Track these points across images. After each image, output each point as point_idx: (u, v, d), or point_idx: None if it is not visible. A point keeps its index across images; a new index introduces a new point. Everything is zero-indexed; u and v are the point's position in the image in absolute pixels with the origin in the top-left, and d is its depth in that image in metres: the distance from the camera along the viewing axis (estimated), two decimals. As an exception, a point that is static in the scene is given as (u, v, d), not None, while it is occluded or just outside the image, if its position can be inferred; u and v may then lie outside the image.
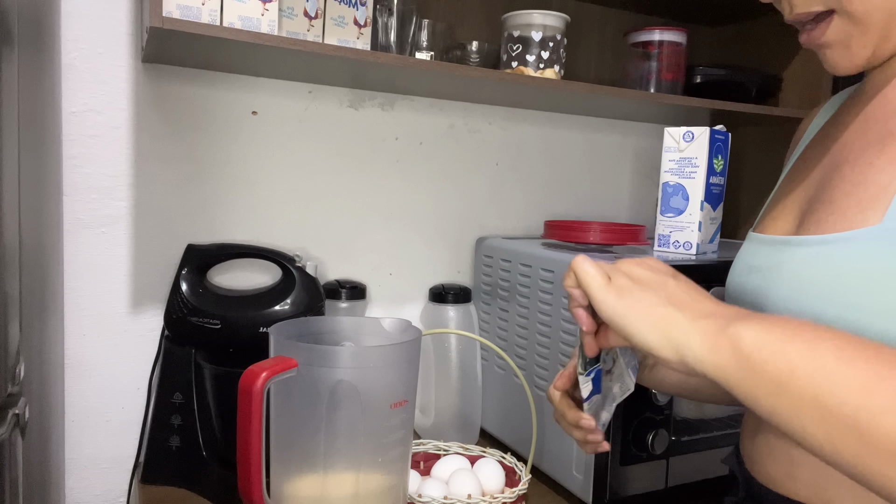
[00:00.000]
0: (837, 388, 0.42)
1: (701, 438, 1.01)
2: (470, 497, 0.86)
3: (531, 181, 1.36)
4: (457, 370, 1.16)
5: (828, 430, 0.43)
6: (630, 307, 0.52)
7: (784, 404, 0.44)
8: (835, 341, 0.44)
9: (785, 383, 0.44)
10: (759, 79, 1.30)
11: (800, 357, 0.44)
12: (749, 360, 0.46)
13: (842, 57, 0.61)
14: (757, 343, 0.46)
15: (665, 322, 0.50)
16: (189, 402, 0.96)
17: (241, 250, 1.04)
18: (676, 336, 0.49)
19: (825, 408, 0.43)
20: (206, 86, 1.07)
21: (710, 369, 0.48)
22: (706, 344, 0.48)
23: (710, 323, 0.49)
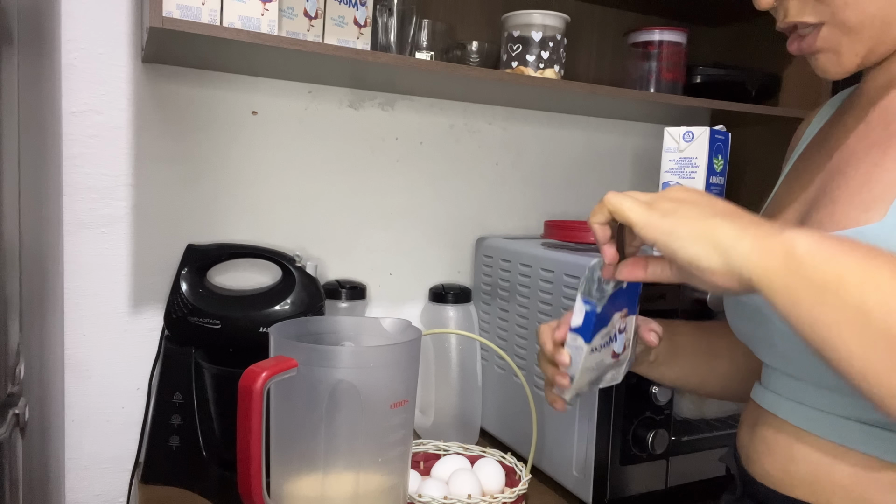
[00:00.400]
0: (887, 299, 0.42)
1: (701, 438, 1.01)
2: (470, 497, 0.86)
3: (531, 181, 1.36)
4: (457, 370, 1.16)
5: (866, 343, 0.42)
6: (676, 223, 0.51)
7: (827, 312, 0.44)
8: (892, 258, 0.44)
9: (833, 290, 0.43)
10: (759, 79, 1.30)
11: (853, 265, 0.44)
12: (801, 264, 0.45)
13: (832, 62, 0.62)
14: (811, 248, 0.45)
15: (713, 230, 0.49)
16: (189, 402, 0.96)
17: (241, 250, 1.04)
18: (724, 241, 0.48)
19: (869, 318, 0.42)
20: (206, 86, 1.07)
21: (757, 272, 0.46)
22: (757, 246, 0.47)
23: (762, 230, 0.48)
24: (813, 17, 0.60)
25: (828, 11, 0.59)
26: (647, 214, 0.53)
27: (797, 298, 0.45)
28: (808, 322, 0.45)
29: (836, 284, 0.44)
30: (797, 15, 0.61)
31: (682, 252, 0.50)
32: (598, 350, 0.67)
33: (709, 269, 0.49)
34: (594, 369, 0.69)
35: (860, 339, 0.43)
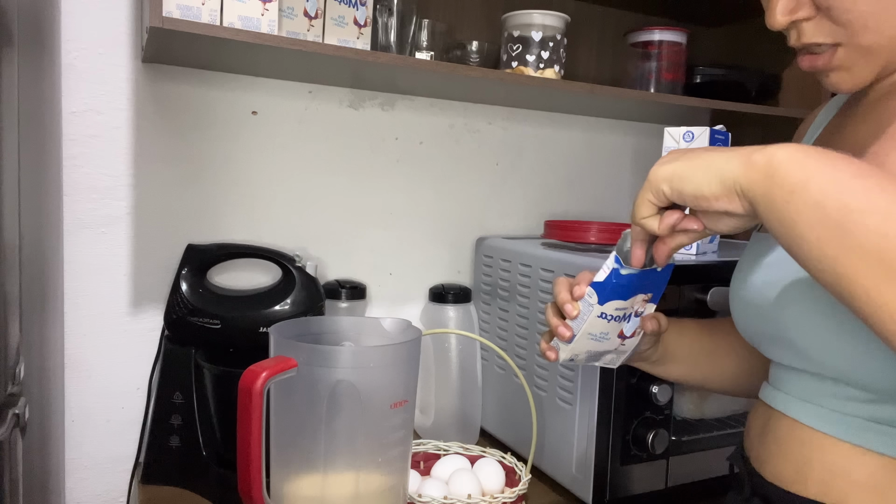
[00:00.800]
0: (843, 195, 0.46)
1: (701, 438, 1.01)
2: (470, 497, 0.86)
3: (531, 181, 1.36)
4: (457, 370, 1.16)
5: (819, 233, 0.46)
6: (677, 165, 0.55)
7: (791, 210, 0.48)
8: (861, 167, 0.47)
9: (798, 191, 0.47)
10: (759, 79, 1.30)
11: (818, 169, 0.47)
12: (776, 171, 0.49)
13: (844, 80, 0.62)
14: (786, 157, 0.49)
15: (710, 160, 0.53)
16: (189, 402, 0.96)
17: (241, 250, 1.04)
18: (720, 165, 0.52)
19: (824, 211, 0.46)
20: (206, 86, 1.07)
21: (746, 185, 0.50)
22: (743, 162, 0.51)
23: (749, 149, 0.52)
24: (829, 39, 0.60)
25: (845, 33, 0.59)
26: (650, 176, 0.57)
27: (772, 202, 0.49)
28: (778, 221, 0.49)
29: (801, 186, 0.47)
30: (812, 36, 0.61)
31: (687, 187, 0.54)
32: (608, 320, 0.67)
33: (712, 195, 0.53)
34: (597, 339, 0.69)
35: (815, 229, 0.47)
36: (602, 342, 0.70)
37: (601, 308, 0.66)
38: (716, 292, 0.96)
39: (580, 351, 0.70)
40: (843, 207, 0.46)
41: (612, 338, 0.70)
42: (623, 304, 0.67)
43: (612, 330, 0.69)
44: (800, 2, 0.60)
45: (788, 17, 0.60)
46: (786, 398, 0.65)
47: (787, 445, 0.63)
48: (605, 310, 0.66)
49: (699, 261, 1.00)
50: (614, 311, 0.67)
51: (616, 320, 0.68)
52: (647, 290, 0.68)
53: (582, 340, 0.69)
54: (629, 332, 0.70)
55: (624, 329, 0.69)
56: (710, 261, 1.01)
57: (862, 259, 0.45)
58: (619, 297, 0.66)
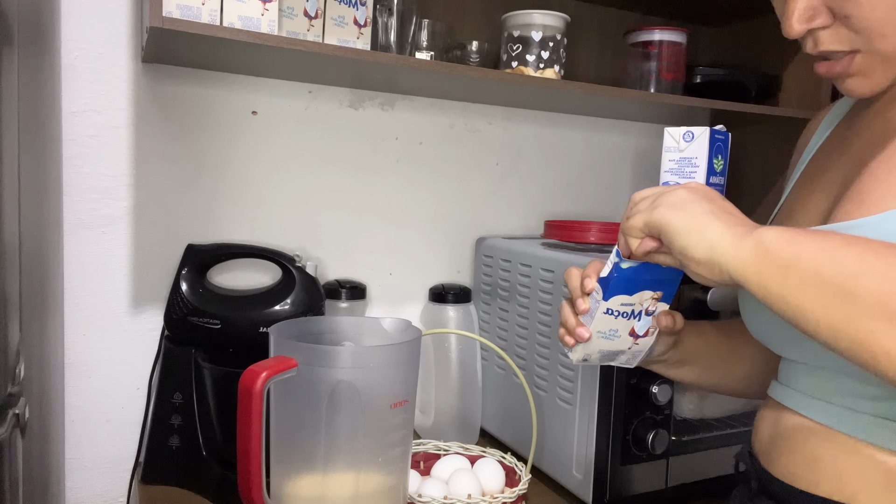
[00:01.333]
0: (837, 262, 0.48)
1: (701, 438, 1.01)
2: (470, 497, 0.86)
3: (531, 181, 1.36)
4: (457, 370, 1.16)
5: (824, 302, 0.48)
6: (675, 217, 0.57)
7: (790, 285, 0.49)
8: (845, 237, 0.50)
9: (793, 265, 0.49)
10: (759, 79, 1.30)
11: (809, 244, 0.50)
12: (767, 251, 0.51)
13: (861, 85, 0.61)
14: (775, 238, 0.51)
15: (706, 227, 0.55)
16: (189, 402, 0.96)
17: (241, 250, 1.04)
18: (712, 238, 0.54)
19: (822, 279, 0.48)
20: (206, 86, 1.07)
21: (734, 265, 0.52)
22: (734, 244, 0.53)
23: (741, 229, 0.54)
24: (847, 47, 0.59)
25: (863, 41, 0.58)
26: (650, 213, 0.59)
27: (767, 281, 0.51)
28: (778, 297, 0.51)
29: (795, 260, 0.49)
30: (829, 45, 0.60)
31: (676, 242, 0.56)
32: (615, 316, 0.67)
33: (695, 260, 0.55)
34: (607, 337, 0.68)
35: (819, 300, 0.48)
36: (613, 340, 0.69)
37: (606, 304, 0.66)
38: (716, 292, 0.96)
39: (592, 351, 0.70)
40: (841, 273, 0.47)
41: (623, 336, 0.69)
42: (628, 299, 0.66)
43: (621, 328, 0.68)
44: (817, 10, 0.59)
45: (805, 25, 0.59)
46: (796, 395, 0.64)
47: (797, 443, 0.63)
48: (610, 305, 0.66)
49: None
50: (620, 307, 0.67)
51: (624, 317, 0.68)
52: (656, 288, 0.67)
53: (593, 339, 0.68)
54: (641, 330, 0.70)
55: (635, 327, 0.69)
56: (710, 261, 1.01)
57: (873, 319, 0.46)
58: (623, 291, 0.66)
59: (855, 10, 0.57)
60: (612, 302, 0.66)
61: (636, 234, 0.60)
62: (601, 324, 0.68)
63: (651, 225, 0.58)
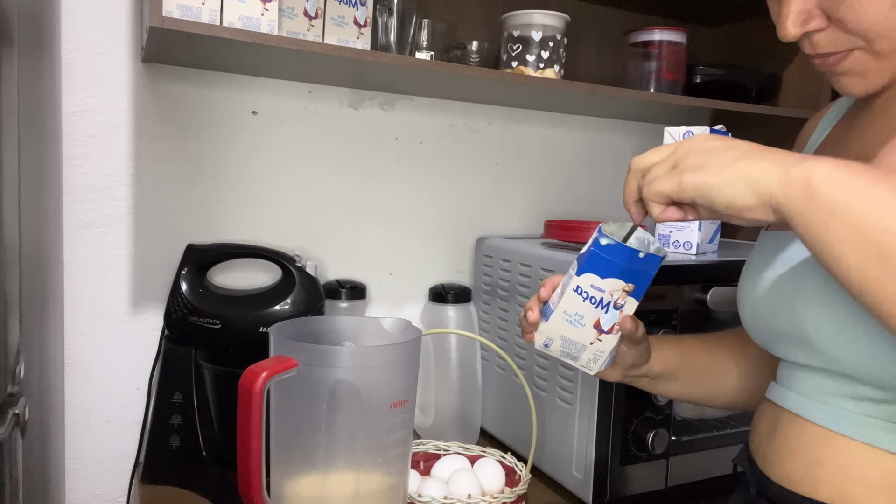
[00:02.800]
0: (882, 218, 0.46)
1: (701, 438, 1.01)
2: (470, 497, 0.86)
3: (531, 181, 1.36)
4: (457, 370, 1.16)
5: (860, 256, 0.47)
6: (707, 176, 0.54)
7: (831, 231, 0.48)
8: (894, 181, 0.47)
9: (839, 213, 0.47)
10: (759, 79, 1.30)
11: (858, 190, 0.47)
12: (815, 191, 0.48)
13: (856, 84, 0.61)
14: (825, 176, 0.48)
15: (745, 170, 0.52)
16: (189, 402, 0.96)
17: (241, 250, 1.04)
18: (756, 177, 0.51)
19: (865, 234, 0.46)
20: (206, 86, 1.07)
21: (782, 201, 0.50)
22: (781, 178, 0.50)
23: (786, 161, 0.51)
24: (843, 48, 0.59)
25: (860, 41, 0.58)
26: (678, 179, 0.56)
27: (810, 222, 0.49)
28: (817, 240, 0.49)
29: (842, 207, 0.47)
30: (826, 47, 0.60)
31: (719, 198, 0.53)
32: (583, 297, 0.65)
33: (746, 207, 0.52)
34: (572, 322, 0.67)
35: (856, 253, 0.47)
36: (577, 328, 0.67)
37: (577, 280, 0.65)
38: (716, 292, 0.96)
39: (555, 335, 0.68)
40: (884, 231, 0.46)
41: (587, 326, 0.67)
42: (599, 282, 0.65)
43: (587, 315, 0.66)
44: (811, 13, 0.59)
45: (800, 28, 0.59)
46: (797, 397, 0.64)
47: (797, 446, 0.62)
48: (580, 283, 0.65)
49: (699, 261, 1.00)
50: (590, 289, 0.65)
51: (591, 303, 0.66)
52: (629, 279, 0.65)
53: (557, 319, 0.67)
54: (606, 325, 0.67)
55: (601, 320, 0.67)
56: (710, 261, 1.01)
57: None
58: (596, 270, 0.64)
59: (849, 13, 0.57)
60: (584, 280, 0.65)
61: (661, 200, 0.58)
62: (568, 303, 0.66)
63: (684, 191, 0.55)
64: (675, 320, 0.96)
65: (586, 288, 0.65)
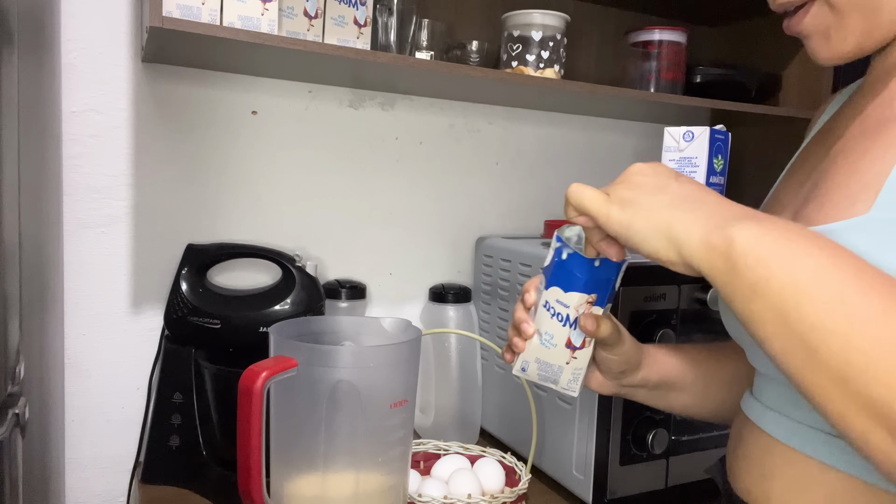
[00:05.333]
0: (802, 304, 0.43)
1: (701, 438, 1.01)
2: (470, 497, 0.86)
3: (531, 181, 1.36)
4: (457, 370, 1.16)
5: (783, 343, 0.44)
6: (632, 217, 0.53)
7: (755, 310, 0.46)
8: (819, 257, 0.44)
9: (760, 291, 0.45)
10: (759, 79, 1.30)
11: (779, 267, 0.45)
12: (735, 264, 0.46)
13: (822, 47, 0.60)
14: (746, 247, 0.46)
15: (668, 224, 0.51)
16: (189, 401, 0.96)
17: (241, 250, 1.04)
18: (678, 235, 0.50)
19: (786, 320, 0.44)
20: (206, 86, 1.07)
21: (704, 267, 0.49)
22: (703, 242, 0.49)
23: (711, 221, 0.49)
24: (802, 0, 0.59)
25: None
26: (607, 208, 0.55)
27: (733, 295, 0.47)
28: (743, 317, 0.47)
29: (763, 285, 0.45)
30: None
31: (642, 246, 0.53)
32: (551, 314, 0.64)
33: (668, 261, 0.52)
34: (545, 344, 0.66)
35: (779, 339, 0.45)
36: (550, 350, 0.66)
37: (545, 295, 0.64)
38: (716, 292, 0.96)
39: (530, 358, 0.68)
40: (804, 318, 0.43)
41: (559, 346, 0.66)
42: (563, 296, 0.63)
43: (556, 334, 0.65)
44: None
45: None
46: (760, 407, 0.62)
47: (753, 458, 0.61)
48: (548, 297, 0.64)
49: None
50: (555, 304, 0.64)
51: (559, 320, 0.65)
52: (591, 290, 0.64)
53: (532, 344, 0.66)
54: (577, 341, 0.66)
55: (571, 337, 0.66)
56: (710, 261, 1.01)
57: (829, 381, 0.42)
58: (560, 283, 0.63)
59: None
60: (551, 294, 0.64)
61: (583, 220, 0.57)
62: (541, 321, 0.65)
63: (609, 223, 0.54)
64: (674, 320, 0.96)
65: (553, 303, 0.64)
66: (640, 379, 0.73)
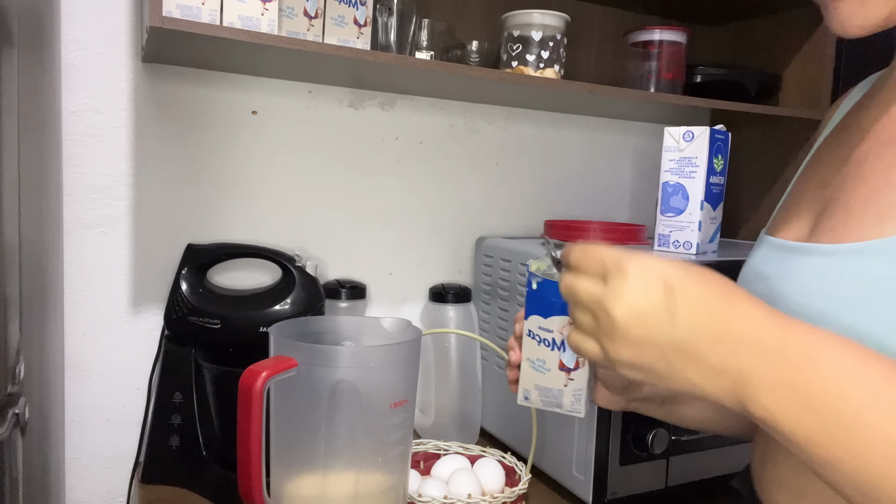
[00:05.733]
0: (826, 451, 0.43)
1: (701, 438, 1.01)
2: (470, 497, 0.86)
3: (531, 181, 1.36)
4: (457, 370, 1.16)
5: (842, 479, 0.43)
6: (647, 376, 0.50)
7: (811, 456, 0.45)
8: (851, 401, 0.43)
9: (803, 447, 0.45)
10: (759, 79, 1.30)
11: (814, 426, 0.44)
12: (767, 425, 0.46)
13: (856, 12, 0.53)
14: (768, 414, 0.45)
15: (681, 371, 0.48)
16: (189, 402, 0.96)
17: (241, 250, 1.04)
18: (690, 381, 0.48)
19: (839, 468, 0.43)
20: (206, 86, 1.07)
21: (735, 407, 0.47)
22: (727, 400, 0.47)
23: (723, 382, 0.47)
24: None
25: None
26: (609, 357, 0.51)
27: (781, 437, 0.46)
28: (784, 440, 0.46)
29: (804, 443, 0.44)
30: None
31: (673, 386, 0.50)
32: (537, 341, 0.65)
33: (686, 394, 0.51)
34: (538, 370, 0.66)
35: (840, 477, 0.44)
36: (545, 374, 0.66)
37: (527, 324, 0.65)
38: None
39: (530, 385, 0.68)
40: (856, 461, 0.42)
41: (553, 370, 0.66)
42: (544, 322, 0.64)
43: (548, 359, 0.65)
44: None
45: None
46: None
47: (784, 474, 0.60)
48: (530, 326, 0.65)
49: (699, 260, 1.00)
50: (539, 331, 0.64)
51: (546, 345, 0.65)
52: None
53: (525, 368, 0.67)
54: (570, 362, 0.66)
55: (563, 360, 0.65)
56: (710, 260, 1.01)
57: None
58: (538, 311, 0.64)
59: None
60: (532, 322, 0.64)
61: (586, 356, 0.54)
62: (528, 349, 0.66)
63: (618, 370, 0.51)
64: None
65: (536, 331, 0.65)
66: (647, 392, 0.70)
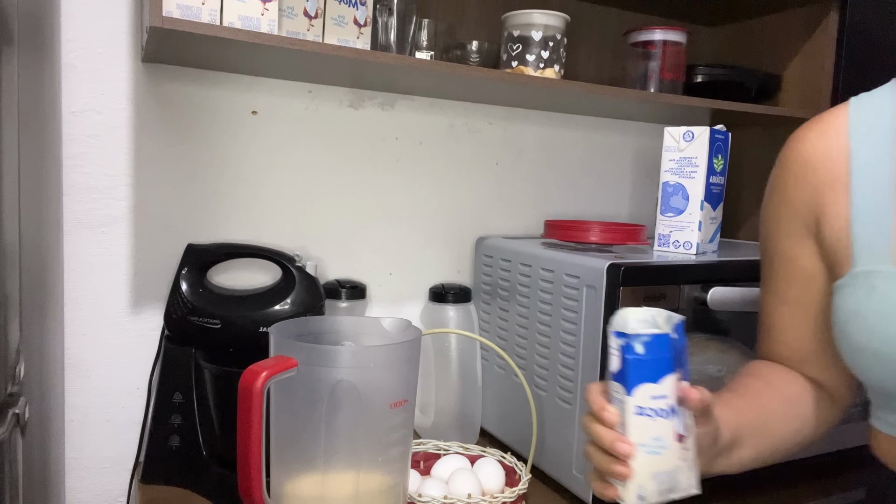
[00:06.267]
0: None
1: (701, 438, 1.01)
2: (470, 497, 0.86)
3: (531, 181, 1.36)
4: (457, 370, 1.16)
5: None
6: None
7: None
8: None
9: None
10: (759, 79, 1.30)
11: None
12: None
13: None
14: None
15: None
16: (189, 402, 0.96)
17: (241, 250, 1.04)
18: None
19: None
20: (206, 86, 1.07)
21: None
22: None
23: None
24: None
25: None
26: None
27: None
28: None
29: None
30: None
31: None
32: (651, 416, 0.55)
33: None
34: (655, 451, 0.55)
35: None
36: (661, 454, 0.56)
37: (634, 401, 0.54)
38: (716, 292, 0.96)
39: (644, 480, 0.56)
40: None
41: (670, 445, 0.56)
42: (656, 388, 0.55)
43: (664, 434, 0.55)
44: None
45: None
46: None
47: None
48: (638, 402, 0.54)
49: (699, 260, 1.00)
50: (652, 402, 0.55)
51: (662, 416, 0.55)
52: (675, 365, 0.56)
53: (640, 460, 0.55)
54: (682, 428, 0.57)
55: (676, 428, 0.56)
56: (710, 260, 1.01)
57: None
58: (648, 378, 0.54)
59: None
60: (640, 395, 0.54)
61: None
62: (639, 432, 0.55)
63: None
64: (675, 320, 0.96)
65: (648, 403, 0.55)
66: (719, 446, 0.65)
